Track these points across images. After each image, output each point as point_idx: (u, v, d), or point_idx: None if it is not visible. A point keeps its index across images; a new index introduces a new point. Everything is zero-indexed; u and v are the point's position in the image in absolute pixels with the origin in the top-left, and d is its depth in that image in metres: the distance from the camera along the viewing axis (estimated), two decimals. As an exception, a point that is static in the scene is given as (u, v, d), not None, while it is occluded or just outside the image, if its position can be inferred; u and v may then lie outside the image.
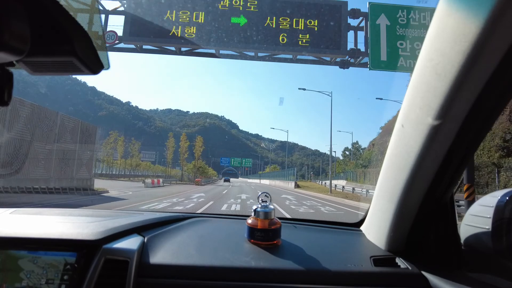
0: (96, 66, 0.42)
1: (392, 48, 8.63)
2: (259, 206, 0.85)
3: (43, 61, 0.40)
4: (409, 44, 8.75)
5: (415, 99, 0.62)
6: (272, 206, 0.86)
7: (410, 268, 0.72)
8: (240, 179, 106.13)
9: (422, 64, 0.58)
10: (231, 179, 78.39)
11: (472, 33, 0.45)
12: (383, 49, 8.67)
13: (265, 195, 0.89)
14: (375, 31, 8.77)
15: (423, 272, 0.70)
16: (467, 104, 0.53)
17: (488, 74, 0.49)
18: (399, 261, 0.76)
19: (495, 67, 0.48)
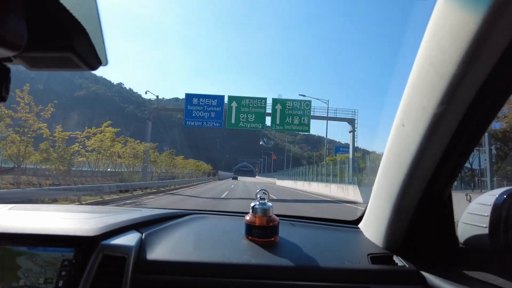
0: (94, 61, 0.42)
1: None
2: (257, 203, 0.84)
3: (41, 57, 0.40)
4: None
5: (414, 96, 0.61)
6: (270, 204, 0.85)
7: (407, 266, 0.72)
8: (259, 178, 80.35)
9: (421, 61, 0.58)
10: (241, 178, 65.50)
11: (471, 30, 0.45)
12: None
13: (263, 192, 0.88)
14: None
15: (421, 270, 0.70)
16: (466, 101, 0.53)
17: (487, 71, 0.48)
18: (397, 259, 0.75)
19: (494, 63, 0.47)
